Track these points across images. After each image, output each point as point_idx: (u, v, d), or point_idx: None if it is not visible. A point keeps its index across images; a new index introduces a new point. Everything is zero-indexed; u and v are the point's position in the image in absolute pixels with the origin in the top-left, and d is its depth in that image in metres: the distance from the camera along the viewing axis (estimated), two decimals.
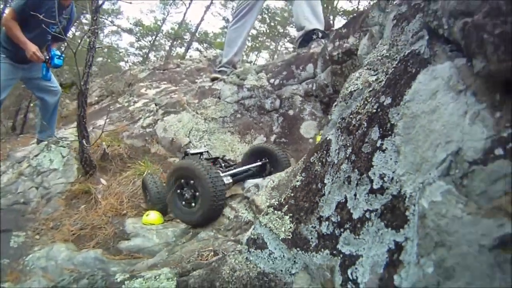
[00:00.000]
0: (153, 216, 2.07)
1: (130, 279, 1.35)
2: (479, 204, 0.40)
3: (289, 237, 0.89)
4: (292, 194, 0.98)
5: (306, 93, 2.29)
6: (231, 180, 1.57)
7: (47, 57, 2.92)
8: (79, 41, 2.40)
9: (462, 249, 0.38)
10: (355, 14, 2.28)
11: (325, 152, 0.96)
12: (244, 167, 1.74)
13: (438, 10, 0.68)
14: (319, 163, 0.96)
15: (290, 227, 0.90)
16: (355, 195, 0.72)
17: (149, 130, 2.74)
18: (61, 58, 3.00)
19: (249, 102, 2.47)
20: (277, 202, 1.01)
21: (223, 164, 1.77)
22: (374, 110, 0.76)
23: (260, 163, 1.82)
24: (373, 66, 1.01)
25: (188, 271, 1.15)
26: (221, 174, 1.48)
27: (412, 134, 0.61)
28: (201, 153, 1.84)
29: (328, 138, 0.98)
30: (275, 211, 0.97)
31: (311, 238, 0.84)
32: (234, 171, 1.64)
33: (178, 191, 1.61)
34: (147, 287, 1.27)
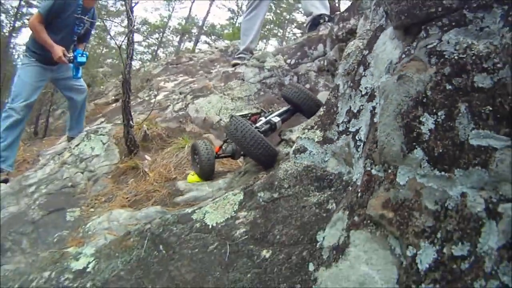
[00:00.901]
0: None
1: (200, 208, 1.93)
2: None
3: (321, 140, 1.70)
4: (318, 119, 1.81)
5: (319, 69, 3.14)
6: (279, 119, 2.34)
7: (71, 57, 3.58)
8: (124, 37, 3.25)
9: (389, 86, 1.21)
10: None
11: (336, 90, 1.79)
12: (284, 108, 2.50)
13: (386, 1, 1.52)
14: (333, 97, 1.79)
15: (321, 134, 1.72)
16: (354, 102, 1.55)
17: (182, 113, 3.58)
18: (84, 55, 3.67)
19: (270, 80, 3.32)
20: (309, 126, 1.84)
21: (267, 114, 2.52)
22: (360, 58, 1.60)
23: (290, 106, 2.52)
24: (362, 36, 1.84)
25: (251, 184, 1.95)
26: (267, 119, 2.29)
27: (377, 64, 1.45)
28: (245, 115, 2.59)
29: (337, 83, 1.82)
30: (310, 130, 1.80)
31: (334, 136, 1.66)
32: (278, 112, 2.42)
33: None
34: (217, 207, 1.87)
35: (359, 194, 1.19)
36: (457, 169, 0.93)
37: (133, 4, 3.28)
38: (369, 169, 1.18)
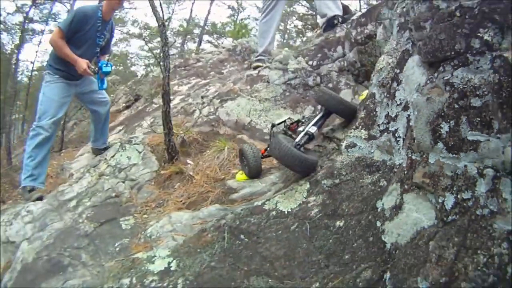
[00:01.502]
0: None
1: (268, 199, 2.73)
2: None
3: (366, 137, 2.71)
4: (361, 121, 2.83)
5: (340, 69, 4.18)
6: (315, 128, 3.19)
7: (96, 69, 4.24)
8: (162, 50, 4.16)
9: (420, 103, 2.26)
10: (370, 7, 4.16)
11: (373, 98, 2.82)
12: (318, 116, 3.31)
13: (413, 35, 2.55)
14: (371, 103, 2.82)
15: (366, 133, 2.74)
16: (391, 109, 2.60)
17: (212, 116, 4.51)
18: (109, 65, 4.32)
19: (295, 81, 4.34)
20: (354, 126, 2.87)
21: (305, 123, 3.49)
22: (392, 75, 2.64)
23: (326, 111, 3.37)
24: (389, 53, 2.86)
25: (313, 175, 2.88)
26: (305, 131, 3.21)
27: (407, 82, 2.48)
28: (284, 121, 3.57)
29: (373, 92, 2.85)
30: (355, 129, 2.83)
31: (377, 134, 2.67)
32: (314, 121, 3.27)
33: None
34: (286, 196, 2.65)
35: (405, 172, 2.23)
36: (461, 153, 1.93)
37: (164, 19, 4.22)
38: (410, 156, 2.22)
